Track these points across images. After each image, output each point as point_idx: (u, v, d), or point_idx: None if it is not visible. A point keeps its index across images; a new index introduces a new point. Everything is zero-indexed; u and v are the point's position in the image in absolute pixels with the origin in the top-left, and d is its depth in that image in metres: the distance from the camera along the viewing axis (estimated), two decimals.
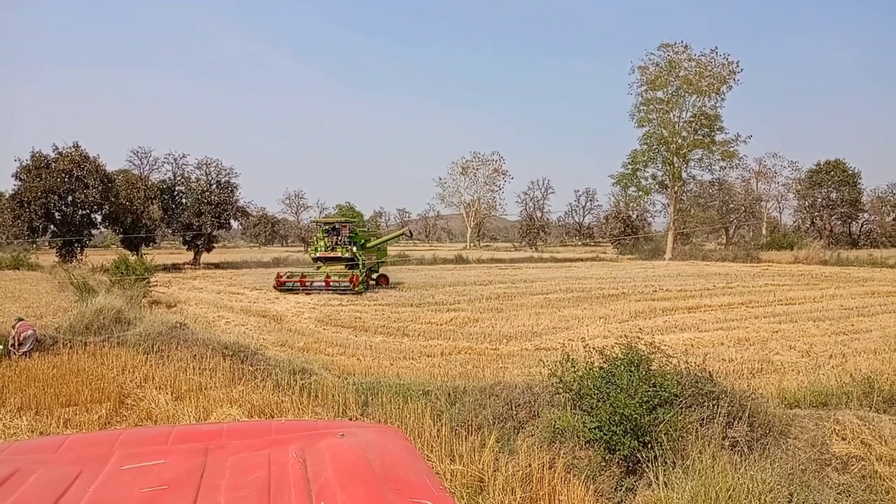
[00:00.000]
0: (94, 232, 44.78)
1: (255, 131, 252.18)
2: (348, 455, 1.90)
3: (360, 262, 28.89)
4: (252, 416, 8.41)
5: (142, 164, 52.92)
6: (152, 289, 24.06)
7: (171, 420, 8.26)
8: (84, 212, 40.55)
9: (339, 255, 28.72)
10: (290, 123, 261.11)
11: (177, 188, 48.32)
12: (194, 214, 45.94)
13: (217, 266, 45.09)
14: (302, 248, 77.90)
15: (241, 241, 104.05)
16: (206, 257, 48.37)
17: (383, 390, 8.97)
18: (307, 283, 26.99)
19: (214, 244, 51.76)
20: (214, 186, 48.08)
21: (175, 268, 42.78)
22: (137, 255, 39.63)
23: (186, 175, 48.77)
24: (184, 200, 47.89)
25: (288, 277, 27.45)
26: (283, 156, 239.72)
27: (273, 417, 8.29)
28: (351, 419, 8.11)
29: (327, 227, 30.45)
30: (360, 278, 27.16)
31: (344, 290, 26.35)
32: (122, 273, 24.01)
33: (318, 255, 29.31)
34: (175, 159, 48.88)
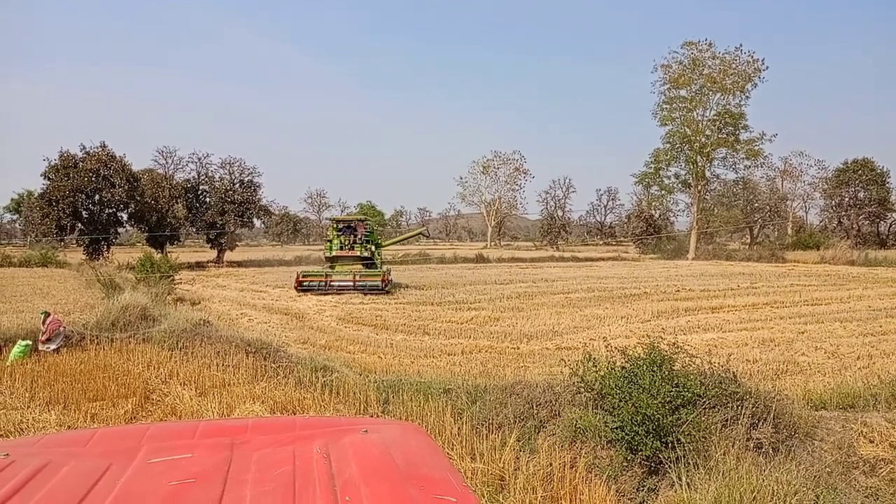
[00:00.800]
0: (120, 230, 45.60)
1: (279, 131, 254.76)
2: (372, 451, 1.91)
3: (379, 262, 28.72)
4: (275, 413, 8.49)
5: (167, 163, 53.53)
6: (177, 286, 24.41)
7: (195, 415, 8.37)
8: (111, 210, 41.30)
9: (358, 254, 28.26)
10: (314, 123, 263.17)
11: (201, 187, 48.96)
12: (218, 213, 46.51)
13: (240, 264, 45.56)
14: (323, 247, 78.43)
15: (264, 239, 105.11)
16: (229, 255, 48.93)
17: (404, 388, 8.99)
18: (331, 283, 26.18)
19: (237, 243, 52.42)
20: (238, 185, 48.63)
21: (199, 266, 43.32)
22: (162, 253, 40.24)
23: (210, 174, 49.43)
24: (207, 199, 48.50)
25: (304, 276, 26.65)
26: (305, 155, 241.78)
27: (295, 414, 8.35)
28: (372, 416, 8.15)
29: (342, 225, 29.69)
30: (389, 278, 26.79)
31: (371, 289, 25.71)
32: (148, 271, 24.41)
33: (332, 253, 28.57)
34: (199, 159, 49.58)
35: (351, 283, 26.10)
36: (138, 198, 41.71)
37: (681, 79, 56.93)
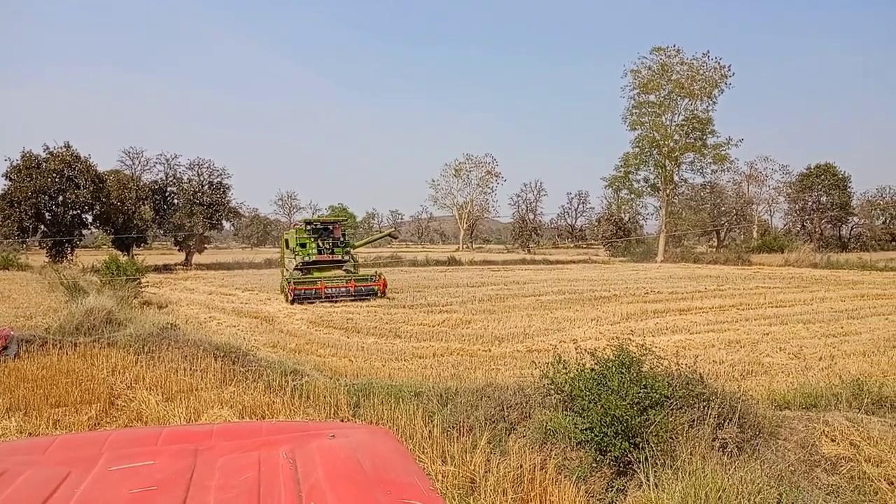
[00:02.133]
0: (84, 232, 44.70)
1: (248, 132, 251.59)
2: (339, 456, 1.89)
3: (355, 265, 27.51)
4: (243, 417, 8.38)
5: (133, 164, 52.82)
6: (143, 289, 23.98)
7: (161, 421, 8.22)
8: (75, 212, 40.45)
9: (340, 257, 26.67)
10: (285, 124, 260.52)
11: (168, 189, 48.21)
12: (186, 215, 45.82)
13: (209, 267, 44.94)
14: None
15: (234, 241, 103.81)
16: (197, 258, 48.26)
17: (375, 391, 8.95)
18: (325, 291, 24.21)
19: (206, 245, 51.71)
20: (206, 187, 48.01)
21: (166, 268, 42.65)
22: (128, 255, 39.52)
23: (178, 176, 48.73)
24: (175, 201, 47.79)
25: (298, 285, 24.03)
26: (276, 157, 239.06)
27: (264, 418, 8.26)
28: (343, 420, 8.09)
29: (317, 226, 27.34)
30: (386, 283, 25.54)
31: (368, 295, 24.54)
32: (113, 273, 23.93)
33: (311, 258, 26.15)
34: (167, 160, 48.88)
35: (345, 290, 24.61)
36: (104, 199, 40.90)
37: (650, 84, 57.80)
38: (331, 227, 27.81)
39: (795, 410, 8.00)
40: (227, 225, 54.65)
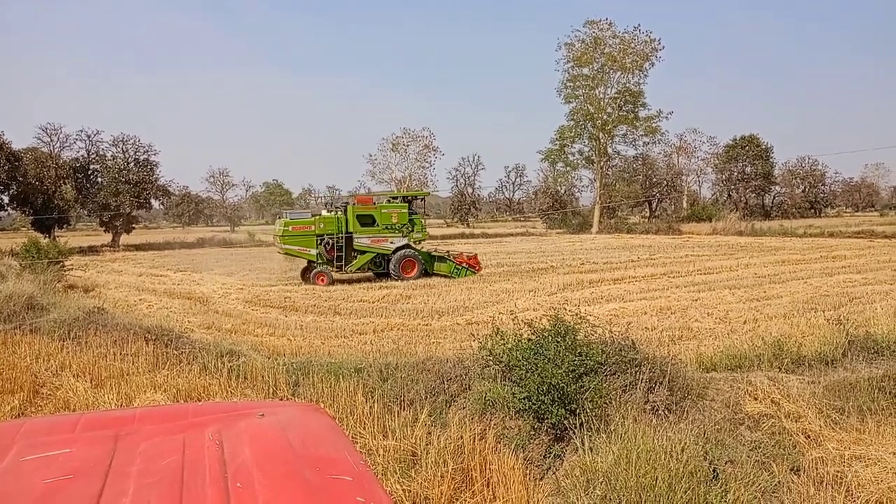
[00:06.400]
0: (0, 214, 42.21)
1: (175, 108, 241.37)
2: (267, 435, 1.85)
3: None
4: (178, 401, 8.17)
5: (52, 141, 49.71)
6: (67, 273, 22.93)
7: (90, 408, 7.93)
8: None
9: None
10: (214, 99, 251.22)
11: (91, 167, 45.96)
12: (111, 194, 43.89)
13: (138, 248, 43.34)
14: (229, 228, 75.73)
15: (164, 221, 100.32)
16: (125, 239, 46.45)
17: (314, 370, 8.87)
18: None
19: (135, 225, 49.74)
20: (132, 164, 46.10)
21: (92, 250, 40.86)
22: (50, 237, 37.62)
23: (102, 153, 46.47)
24: (99, 179, 45.71)
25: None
26: (206, 133, 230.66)
27: (201, 401, 8.07)
28: (281, 399, 8.00)
29: (407, 200, 25.49)
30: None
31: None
32: (33, 257, 22.73)
33: (424, 238, 24.91)
34: (88, 136, 46.48)
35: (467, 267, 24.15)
36: (20, 179, 38.72)
37: (583, 57, 58.48)
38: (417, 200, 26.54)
39: (721, 372, 8.37)
40: (155, 204, 52.75)
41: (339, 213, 23.49)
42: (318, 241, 22.56)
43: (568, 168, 66.81)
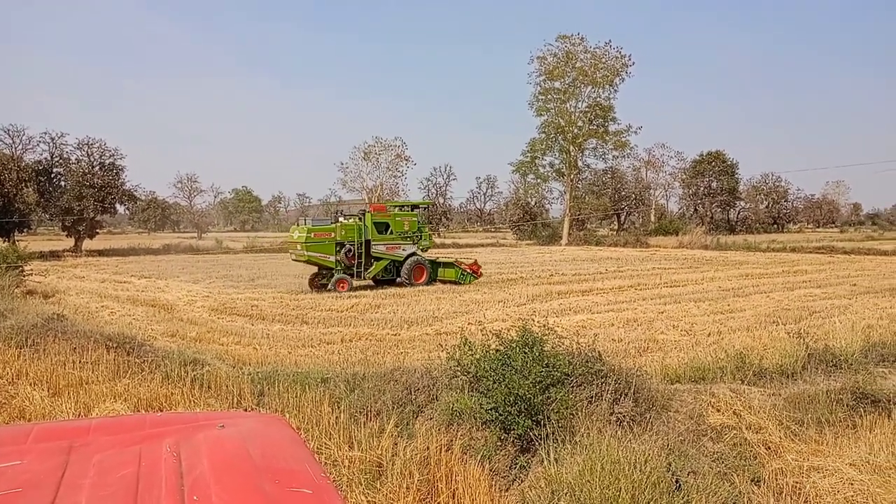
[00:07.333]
0: None
1: (144, 112, 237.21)
2: (227, 446, 1.82)
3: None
4: (138, 411, 8.00)
5: (14, 143, 48.41)
6: (27, 278, 22.29)
7: (47, 418, 7.71)
8: None
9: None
10: (184, 105, 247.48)
11: (55, 170, 44.90)
12: (75, 198, 42.90)
13: (101, 253, 42.42)
14: (196, 235, 74.60)
15: (129, 226, 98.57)
16: (88, 244, 45.41)
17: (280, 379, 8.76)
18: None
19: (98, 230, 48.68)
20: (97, 168, 45.14)
21: (53, 255, 39.87)
22: (9, 241, 36.65)
23: (66, 156, 45.43)
24: (63, 183, 44.65)
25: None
26: (175, 138, 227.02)
27: (162, 411, 7.91)
28: (245, 410, 7.88)
29: (409, 209, 26.26)
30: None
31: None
32: None
33: (430, 246, 25.82)
34: (52, 139, 45.36)
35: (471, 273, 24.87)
36: None
37: (555, 71, 59.20)
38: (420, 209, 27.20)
39: (686, 384, 8.48)
40: (121, 209, 51.73)
41: (357, 220, 23.67)
42: (338, 248, 22.63)
43: (539, 180, 67.54)
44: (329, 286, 22.24)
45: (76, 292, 21.39)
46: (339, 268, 22.64)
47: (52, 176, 44.68)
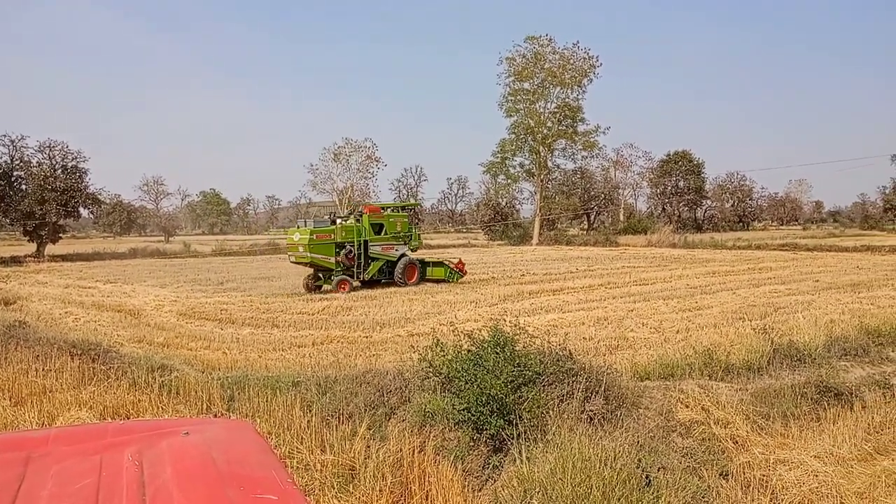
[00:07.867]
0: None
1: (108, 113, 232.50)
2: (191, 454, 1.78)
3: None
4: (105, 419, 7.83)
5: None
6: None
7: (8, 428, 7.50)
8: None
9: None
10: (147, 105, 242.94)
11: (15, 173, 43.76)
12: (36, 202, 41.86)
13: (65, 258, 41.49)
14: (164, 238, 73.36)
15: (94, 230, 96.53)
16: (51, 249, 44.34)
17: (251, 384, 8.66)
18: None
19: (61, 234, 47.54)
20: (60, 171, 44.10)
21: (15, 261, 38.89)
22: None
23: (26, 159, 44.31)
24: (24, 186, 43.53)
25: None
26: (140, 140, 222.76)
27: (129, 418, 7.75)
28: (215, 415, 7.77)
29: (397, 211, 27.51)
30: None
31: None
32: None
33: (420, 245, 27.34)
34: (12, 141, 44.18)
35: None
36: None
37: (524, 72, 59.54)
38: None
39: (655, 381, 8.60)
40: (84, 213, 50.58)
41: (354, 221, 23.84)
42: (338, 250, 22.68)
43: (509, 180, 67.74)
44: (331, 287, 22.36)
45: (39, 298, 20.86)
46: (339, 269, 22.70)
47: (13, 179, 43.55)
